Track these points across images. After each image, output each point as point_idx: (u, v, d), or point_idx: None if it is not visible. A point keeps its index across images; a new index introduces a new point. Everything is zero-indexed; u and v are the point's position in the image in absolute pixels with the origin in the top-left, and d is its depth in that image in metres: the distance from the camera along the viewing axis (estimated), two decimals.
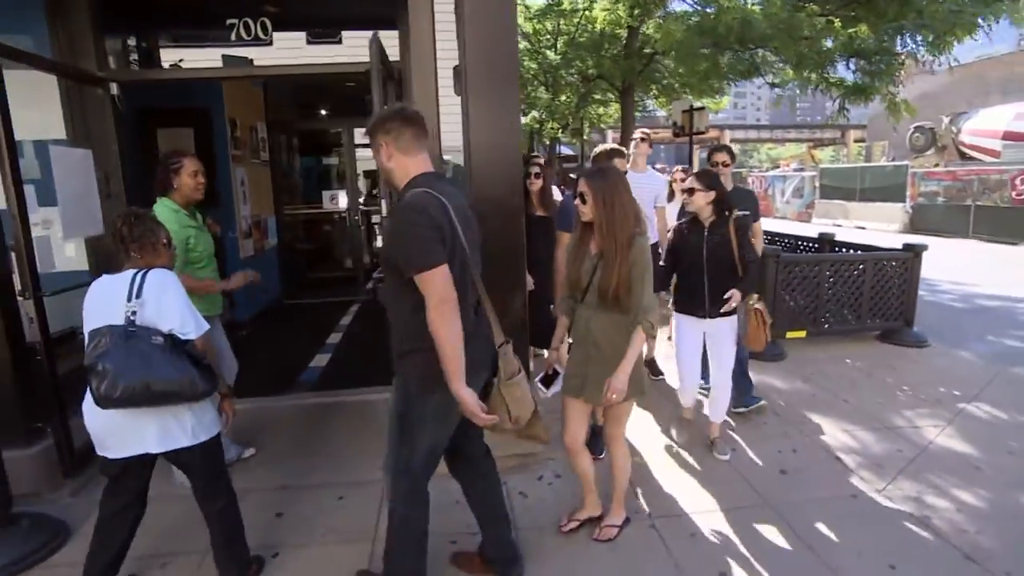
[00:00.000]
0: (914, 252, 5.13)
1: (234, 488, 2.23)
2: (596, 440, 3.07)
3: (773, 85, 9.62)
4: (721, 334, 3.08)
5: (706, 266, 2.97)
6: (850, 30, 5.15)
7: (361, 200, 7.84)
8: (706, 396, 3.47)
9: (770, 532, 2.55)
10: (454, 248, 1.78)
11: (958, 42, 5.21)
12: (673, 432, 3.43)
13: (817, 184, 19.42)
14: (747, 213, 3.48)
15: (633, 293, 2.21)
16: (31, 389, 2.77)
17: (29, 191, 2.71)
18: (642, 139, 4.28)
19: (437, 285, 1.71)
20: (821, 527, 2.58)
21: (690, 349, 3.17)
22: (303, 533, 2.59)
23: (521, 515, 2.72)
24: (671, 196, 4.62)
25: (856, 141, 32.85)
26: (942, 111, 18.80)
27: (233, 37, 3.40)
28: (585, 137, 18.67)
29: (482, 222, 2.87)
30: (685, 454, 3.26)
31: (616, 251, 2.18)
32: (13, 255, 2.65)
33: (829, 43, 5.55)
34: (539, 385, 2.46)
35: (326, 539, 2.54)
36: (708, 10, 7.44)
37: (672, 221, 4.06)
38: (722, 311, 2.90)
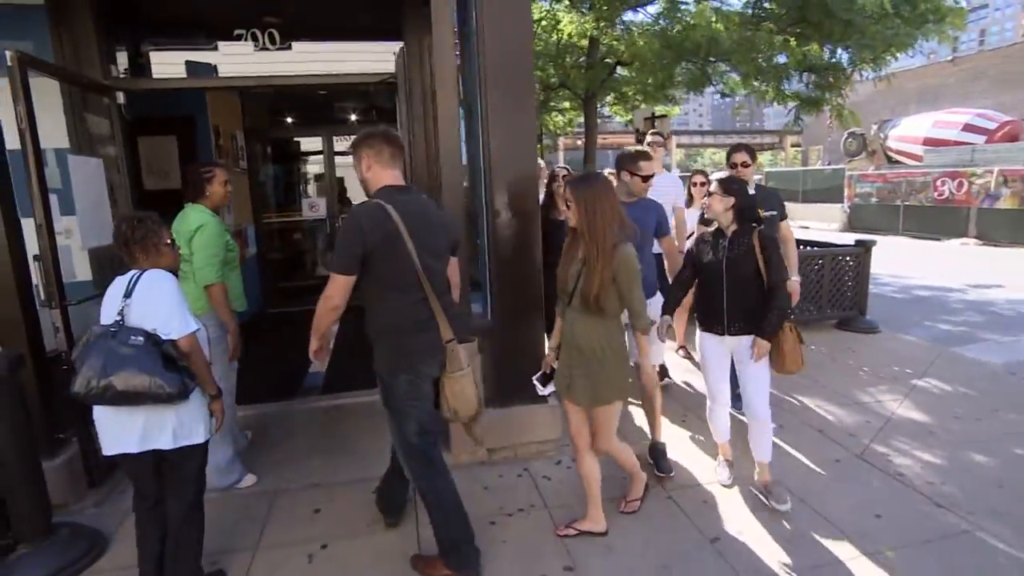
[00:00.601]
0: (865, 247, 5.68)
1: (202, 505, 2.17)
2: (660, 459, 3.08)
3: (723, 95, 10.29)
4: (748, 353, 2.68)
5: (725, 280, 2.66)
6: (804, 48, 5.69)
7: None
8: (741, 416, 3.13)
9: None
10: (392, 253, 2.05)
11: (894, 59, 5.89)
12: (717, 473, 3.03)
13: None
14: (773, 214, 3.42)
15: (625, 301, 2.30)
16: (53, 399, 2.75)
17: (52, 200, 2.71)
18: (654, 141, 4.11)
19: (334, 286, 2.07)
20: (814, 486, 2.92)
21: (715, 370, 2.84)
22: (346, 525, 2.68)
23: (549, 496, 2.92)
24: (690, 201, 4.55)
25: (792, 146, 34.89)
26: (868, 119, 20.37)
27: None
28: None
29: (500, 226, 3.10)
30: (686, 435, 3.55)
31: (598, 256, 2.23)
32: (38, 264, 2.64)
33: (783, 59, 6.10)
34: (536, 382, 2.63)
35: (372, 529, 2.65)
36: (664, 22, 7.97)
37: (691, 227, 4.07)
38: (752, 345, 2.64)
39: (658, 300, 3.10)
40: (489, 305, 3.29)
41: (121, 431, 1.96)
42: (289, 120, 7.71)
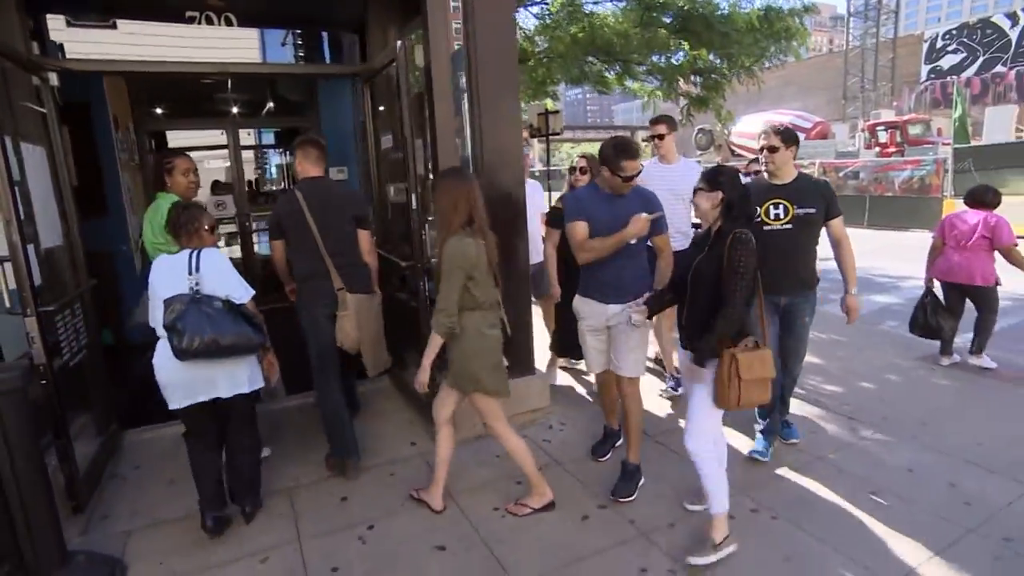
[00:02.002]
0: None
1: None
2: (621, 479, 2.81)
3: (600, 92, 11.24)
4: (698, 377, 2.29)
5: (689, 288, 2.30)
6: (694, 52, 6.56)
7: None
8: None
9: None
10: (297, 224, 2.79)
11: (760, 69, 7.06)
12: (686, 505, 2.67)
13: None
14: (812, 211, 2.76)
15: (438, 292, 2.36)
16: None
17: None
18: (667, 127, 3.61)
19: (272, 249, 2.97)
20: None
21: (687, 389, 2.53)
22: (381, 507, 2.73)
23: (556, 454, 3.20)
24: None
25: (643, 140, 38.26)
26: (711, 116, 23.28)
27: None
28: None
29: (491, 211, 3.29)
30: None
31: (439, 249, 2.36)
32: (3, 267, 2.31)
33: (675, 60, 6.97)
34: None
35: (407, 506, 2.73)
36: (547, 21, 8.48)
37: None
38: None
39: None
40: None
41: (204, 382, 2.36)
42: (185, 111, 7.00)
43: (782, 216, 2.80)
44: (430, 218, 3.25)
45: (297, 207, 2.77)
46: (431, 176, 3.16)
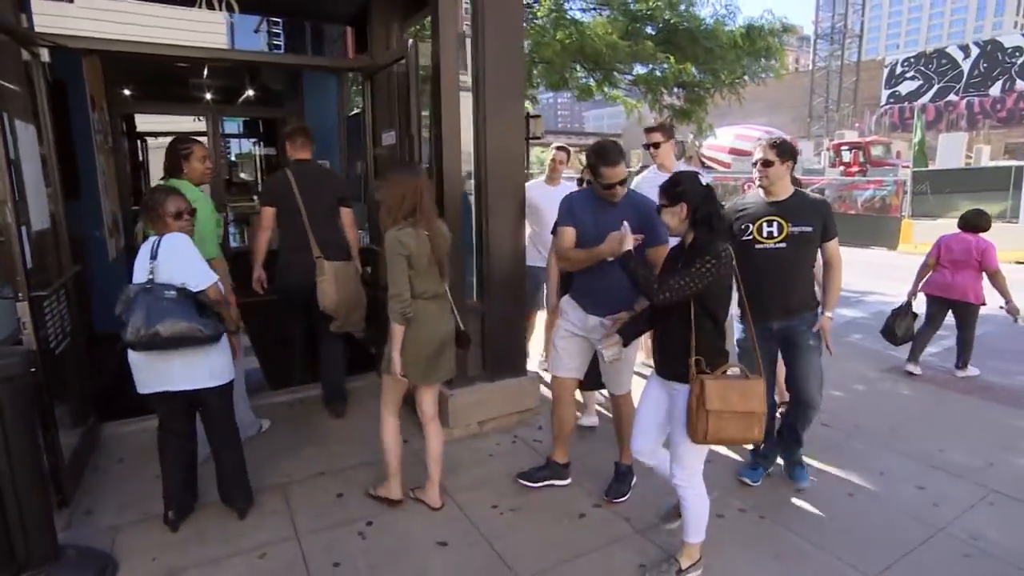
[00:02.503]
0: None
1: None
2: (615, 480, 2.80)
3: (579, 98, 11.45)
4: (674, 402, 2.15)
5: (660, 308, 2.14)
6: (679, 66, 6.76)
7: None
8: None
9: None
10: (285, 198, 3.27)
11: (743, 85, 7.34)
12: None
13: None
14: (808, 229, 2.55)
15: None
16: None
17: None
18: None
19: (261, 216, 3.39)
20: None
21: (640, 409, 2.34)
22: (379, 504, 2.71)
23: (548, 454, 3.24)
24: None
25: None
26: (684, 128, 23.89)
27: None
28: None
29: (491, 208, 3.31)
30: None
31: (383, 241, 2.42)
32: None
33: (659, 72, 7.15)
34: None
35: (405, 502, 2.72)
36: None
37: None
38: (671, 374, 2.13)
39: None
40: (477, 290, 3.51)
41: (160, 373, 2.29)
42: (162, 95, 6.78)
43: (776, 234, 2.60)
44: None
45: (286, 185, 3.26)
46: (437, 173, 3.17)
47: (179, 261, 2.26)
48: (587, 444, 3.35)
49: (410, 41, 2.90)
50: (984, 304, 4.40)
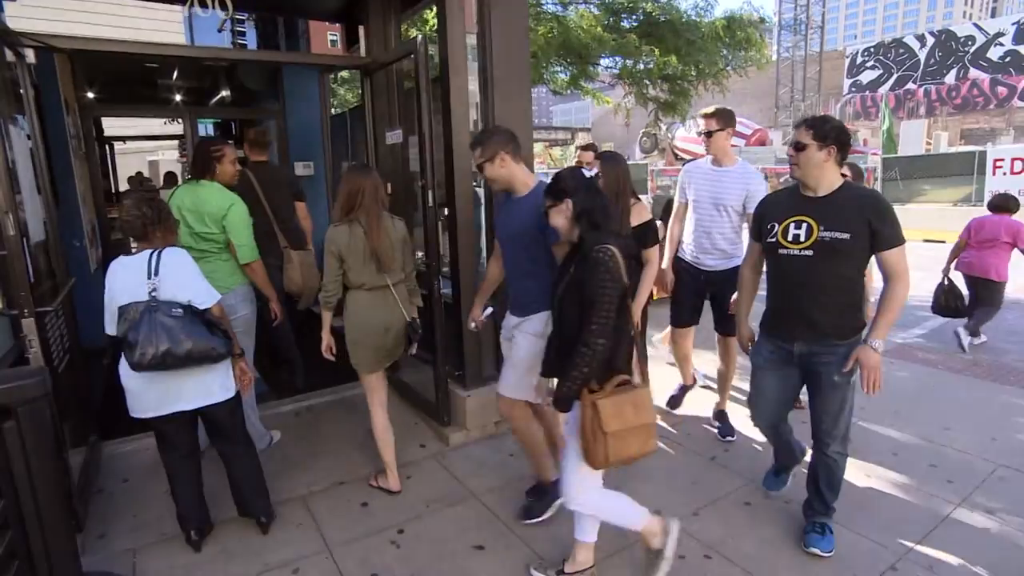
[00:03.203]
0: None
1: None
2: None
3: (555, 92, 11.46)
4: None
5: (554, 320, 2.03)
6: (664, 59, 6.81)
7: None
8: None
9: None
10: (249, 195, 3.29)
11: (726, 76, 7.46)
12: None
13: None
14: (843, 237, 2.07)
15: None
16: None
17: None
18: (718, 122, 3.04)
19: None
20: None
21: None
22: (407, 511, 2.67)
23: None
24: None
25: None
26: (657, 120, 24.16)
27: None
28: None
29: None
30: None
31: None
32: None
33: (645, 65, 7.20)
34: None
35: (433, 508, 2.69)
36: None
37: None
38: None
39: None
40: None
41: (167, 394, 2.19)
42: (134, 97, 6.52)
43: (803, 238, 2.12)
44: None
45: (249, 183, 3.56)
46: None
47: (184, 278, 2.16)
48: None
49: (419, 37, 2.82)
50: (1006, 281, 4.75)
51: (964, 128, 27.46)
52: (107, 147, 8.03)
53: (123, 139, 8.04)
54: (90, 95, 6.19)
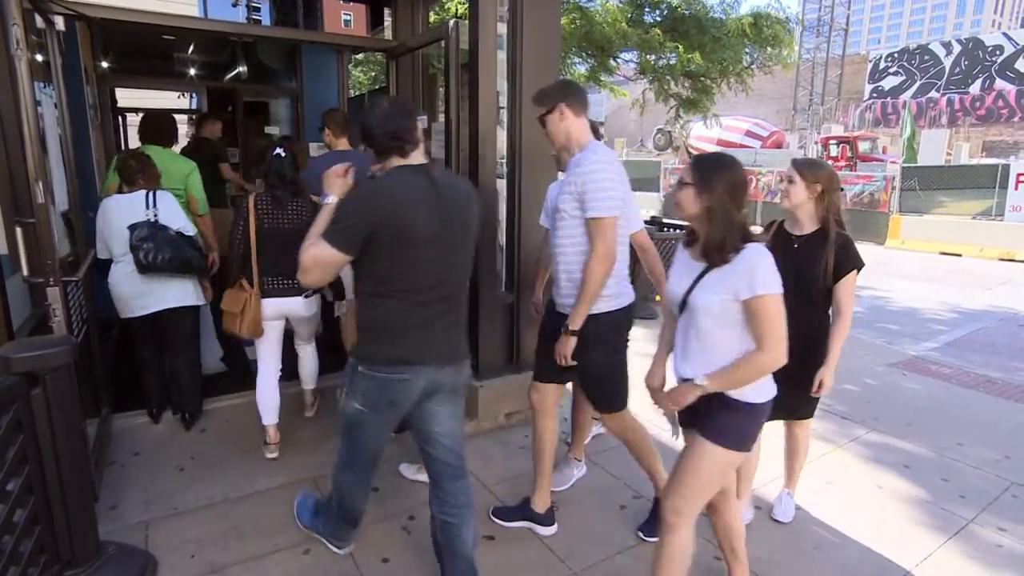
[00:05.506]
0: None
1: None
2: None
3: None
4: None
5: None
6: (688, 55, 6.71)
7: None
8: None
9: None
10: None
11: (750, 75, 7.35)
12: None
13: None
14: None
15: None
16: None
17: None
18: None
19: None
20: None
21: None
22: (416, 497, 2.66)
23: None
24: None
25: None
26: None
27: None
28: None
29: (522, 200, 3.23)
30: None
31: None
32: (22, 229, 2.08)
33: (668, 61, 7.10)
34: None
35: None
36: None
37: None
38: None
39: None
40: (506, 281, 3.44)
41: (156, 295, 2.94)
42: (148, 70, 6.50)
43: None
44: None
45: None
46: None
47: (175, 212, 2.97)
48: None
49: (451, 22, 2.78)
50: None
51: (987, 140, 27.03)
52: (120, 118, 8.02)
53: (136, 111, 8.02)
54: (105, 65, 6.18)
